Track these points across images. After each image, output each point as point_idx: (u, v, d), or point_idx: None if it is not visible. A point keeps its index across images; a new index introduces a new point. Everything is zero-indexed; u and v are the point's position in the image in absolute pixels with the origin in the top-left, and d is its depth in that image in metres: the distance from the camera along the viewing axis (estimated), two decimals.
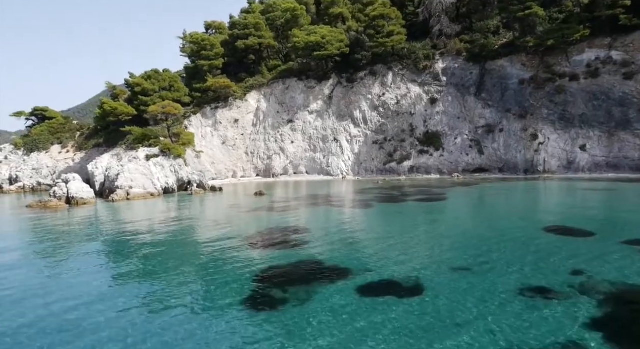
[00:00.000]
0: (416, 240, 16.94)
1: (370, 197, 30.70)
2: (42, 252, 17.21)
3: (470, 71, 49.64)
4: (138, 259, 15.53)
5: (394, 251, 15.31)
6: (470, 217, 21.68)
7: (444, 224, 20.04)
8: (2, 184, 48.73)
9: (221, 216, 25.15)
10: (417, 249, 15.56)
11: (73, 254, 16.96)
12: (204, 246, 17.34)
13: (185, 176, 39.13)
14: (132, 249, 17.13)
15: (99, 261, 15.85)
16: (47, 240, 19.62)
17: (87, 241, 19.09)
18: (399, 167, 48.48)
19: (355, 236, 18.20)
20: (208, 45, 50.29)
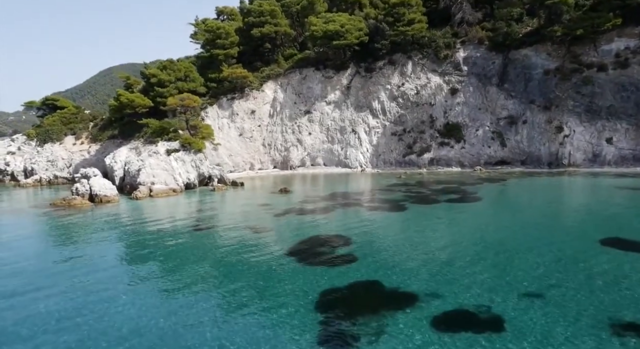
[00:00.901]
0: (469, 255, 16.40)
1: (399, 196, 30.12)
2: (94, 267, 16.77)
3: (493, 60, 48.36)
4: (188, 275, 15.06)
5: (452, 269, 14.80)
6: (515, 226, 21.04)
7: (490, 234, 19.46)
8: (17, 175, 48.26)
9: (254, 219, 24.60)
10: (474, 267, 15.03)
11: (129, 271, 16.52)
12: (253, 260, 16.84)
13: (206, 170, 38.55)
14: (178, 264, 16.68)
15: (161, 280, 15.39)
16: (92, 249, 19.16)
17: (137, 256, 18.59)
18: (418, 159, 47.71)
19: (403, 248, 17.67)
20: (223, 33, 48.94)
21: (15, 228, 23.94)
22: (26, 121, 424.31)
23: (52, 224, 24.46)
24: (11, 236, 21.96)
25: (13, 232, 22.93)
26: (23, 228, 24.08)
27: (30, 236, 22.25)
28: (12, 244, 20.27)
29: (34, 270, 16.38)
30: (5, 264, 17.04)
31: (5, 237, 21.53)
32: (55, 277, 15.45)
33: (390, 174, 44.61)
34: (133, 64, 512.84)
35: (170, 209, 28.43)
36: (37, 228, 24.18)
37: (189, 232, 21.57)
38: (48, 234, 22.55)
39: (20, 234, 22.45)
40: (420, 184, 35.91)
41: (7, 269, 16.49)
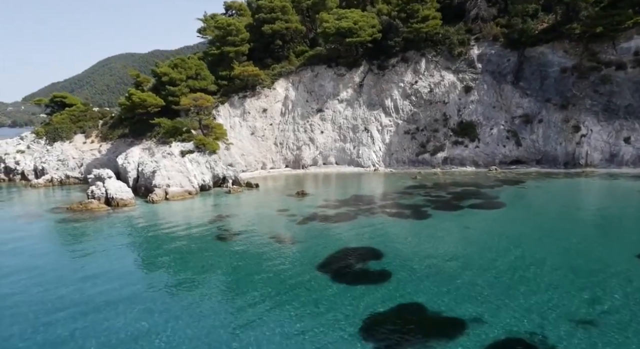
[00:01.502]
0: (508, 273, 16.07)
1: (420, 201, 29.77)
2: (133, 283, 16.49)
3: (508, 58, 47.64)
4: (224, 296, 14.76)
5: (494, 290, 14.47)
6: (548, 237, 20.52)
7: (524, 247, 19.04)
8: (28, 175, 47.89)
9: (277, 227, 24.25)
10: (517, 287, 14.71)
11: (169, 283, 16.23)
12: (287, 279, 16.51)
13: (221, 172, 38.19)
14: (212, 283, 16.37)
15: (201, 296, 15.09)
16: (121, 262, 18.87)
17: (165, 271, 18.28)
18: (432, 158, 47.25)
19: (437, 264, 17.34)
20: (234, 30, 48.17)
21: (38, 239, 23.51)
22: (25, 112, 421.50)
23: (75, 233, 24.16)
24: (37, 248, 21.63)
25: (37, 243, 22.61)
26: (47, 239, 23.66)
27: (55, 249, 21.79)
28: (40, 259, 19.87)
29: (67, 286, 16.09)
30: (46, 285, 16.74)
31: (32, 249, 21.23)
32: (86, 291, 15.16)
33: (405, 174, 44.19)
34: (132, 53, 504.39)
35: (189, 214, 28.11)
36: (60, 238, 23.78)
37: (213, 243, 21.28)
38: (73, 245, 22.20)
39: (46, 247, 22.08)
40: (438, 186, 35.51)
41: (52, 294, 16.20)
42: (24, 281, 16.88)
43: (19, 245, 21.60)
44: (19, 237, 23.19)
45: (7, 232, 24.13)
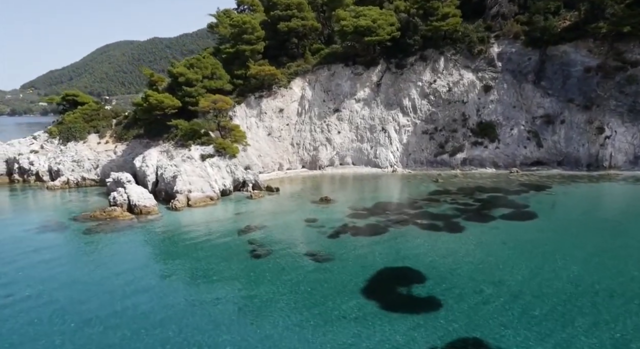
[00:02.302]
0: (567, 302, 15.54)
1: (448, 209, 29.34)
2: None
3: (529, 57, 46.77)
4: (268, 323, 14.41)
5: (556, 324, 14.02)
6: (597, 256, 19.39)
7: (574, 269, 18.24)
8: (42, 176, 47.50)
9: (308, 241, 23.74)
10: (580, 320, 14.22)
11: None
12: (332, 306, 16.11)
13: (241, 176, 37.74)
14: (256, 304, 16.00)
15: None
16: (159, 281, 18.52)
17: (205, 292, 17.88)
18: (451, 159, 46.66)
19: (484, 289, 16.91)
20: (249, 28, 47.24)
21: (72, 253, 23.02)
22: (23, 100, 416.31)
23: (106, 247, 23.74)
24: (73, 263, 21.27)
25: (72, 258, 22.23)
26: (80, 253, 23.10)
27: (91, 263, 21.30)
28: (82, 277, 19.44)
29: (111, 308, 15.78)
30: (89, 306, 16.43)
31: (68, 266, 20.87)
32: (140, 307, 14.84)
33: (424, 175, 43.67)
34: (130, 41, 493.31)
35: (216, 225, 27.63)
36: (94, 252, 23.21)
37: (250, 261, 20.89)
38: (108, 260, 21.76)
39: (82, 261, 21.66)
40: (462, 191, 35.00)
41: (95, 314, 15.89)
42: (75, 296, 16.63)
43: (53, 260, 21.17)
44: (52, 252, 22.86)
45: (38, 245, 23.74)
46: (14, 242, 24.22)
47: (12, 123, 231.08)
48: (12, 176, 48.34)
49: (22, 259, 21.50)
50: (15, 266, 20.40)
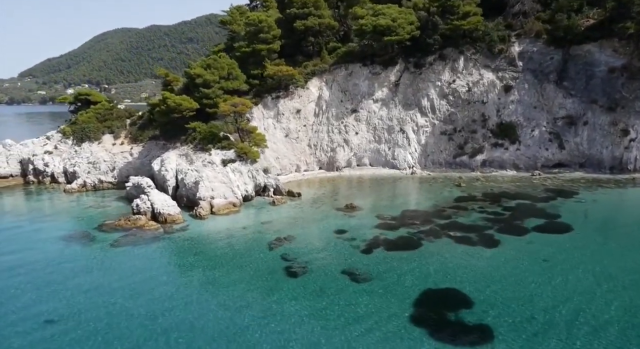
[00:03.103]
0: (624, 332, 15.18)
1: (478, 219, 28.97)
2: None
3: (551, 56, 45.89)
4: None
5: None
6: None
7: (625, 294, 17.87)
8: (58, 177, 47.13)
9: (342, 257, 23.21)
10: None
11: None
12: (382, 336, 15.78)
13: (262, 181, 37.33)
14: (302, 333, 15.69)
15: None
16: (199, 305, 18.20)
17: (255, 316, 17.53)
18: (470, 161, 46.12)
19: (535, 315, 16.61)
20: (265, 26, 46.36)
21: (108, 269, 22.51)
22: (22, 89, 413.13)
23: (135, 264, 23.38)
24: (114, 281, 20.88)
25: (110, 273, 21.85)
26: (115, 269, 22.52)
27: (131, 280, 20.85)
28: (130, 299, 19.06)
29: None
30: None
31: (108, 284, 20.52)
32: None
33: (445, 178, 43.19)
34: (128, 29, 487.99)
35: (243, 236, 27.25)
36: (129, 267, 22.61)
37: (286, 280, 20.63)
38: (146, 276, 21.41)
39: (121, 277, 21.28)
40: (488, 197, 34.56)
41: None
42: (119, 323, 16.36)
43: (91, 288, 20.67)
44: (86, 274, 22.50)
45: (70, 265, 23.34)
46: (46, 261, 23.75)
47: (10, 113, 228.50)
48: (27, 177, 48.00)
49: (58, 282, 20.91)
50: (53, 292, 19.92)
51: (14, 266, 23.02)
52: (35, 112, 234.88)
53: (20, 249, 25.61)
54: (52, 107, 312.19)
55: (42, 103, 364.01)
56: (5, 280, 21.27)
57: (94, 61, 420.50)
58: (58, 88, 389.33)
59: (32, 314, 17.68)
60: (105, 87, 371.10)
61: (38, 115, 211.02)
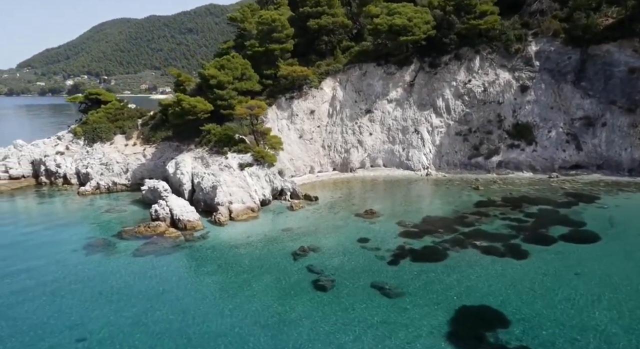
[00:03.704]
0: None
1: (501, 226, 28.69)
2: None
3: (569, 56, 45.24)
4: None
5: None
6: None
7: None
8: (71, 179, 46.92)
9: (369, 269, 22.69)
10: None
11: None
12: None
13: (279, 184, 37.04)
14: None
15: None
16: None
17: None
18: (486, 162, 45.70)
19: (578, 338, 16.25)
20: (279, 26, 45.74)
21: (136, 283, 22.17)
22: (21, 80, 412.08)
23: (158, 275, 23.14)
24: (144, 299, 20.63)
25: (138, 289, 21.61)
26: (135, 284, 22.30)
27: (153, 301, 20.71)
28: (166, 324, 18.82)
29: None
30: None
31: (139, 302, 20.30)
32: None
33: (461, 180, 42.85)
34: (127, 19, 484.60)
35: (266, 244, 26.95)
36: (157, 281, 22.14)
37: (317, 295, 20.34)
38: (167, 295, 21.23)
39: (141, 296, 21.08)
40: (508, 202, 34.25)
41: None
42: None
43: (121, 306, 20.38)
44: (108, 282, 22.36)
45: (94, 277, 23.12)
46: (67, 274, 23.51)
47: (10, 105, 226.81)
48: (39, 178, 47.83)
49: (84, 298, 20.59)
50: (80, 309, 19.69)
51: (34, 280, 22.78)
52: (34, 105, 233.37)
53: (39, 259, 25.29)
54: (51, 99, 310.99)
55: (42, 94, 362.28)
56: (28, 295, 21.05)
57: (93, 52, 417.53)
58: (57, 79, 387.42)
59: (62, 333, 17.47)
60: (104, 79, 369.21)
61: (38, 107, 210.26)
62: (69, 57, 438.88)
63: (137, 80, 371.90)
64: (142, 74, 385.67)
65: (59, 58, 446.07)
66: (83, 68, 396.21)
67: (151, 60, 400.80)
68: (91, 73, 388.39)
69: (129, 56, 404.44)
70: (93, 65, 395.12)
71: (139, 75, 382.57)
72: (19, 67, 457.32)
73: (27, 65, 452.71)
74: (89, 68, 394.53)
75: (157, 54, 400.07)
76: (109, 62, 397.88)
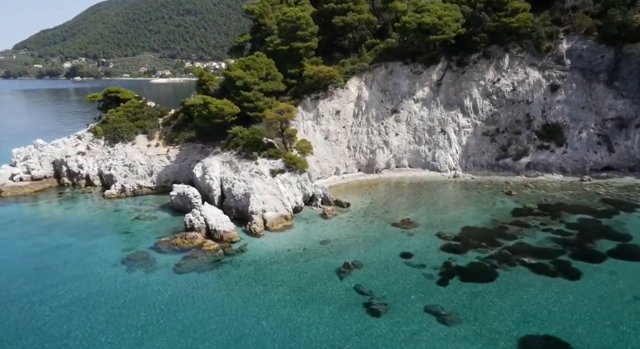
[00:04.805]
0: None
1: (545, 239, 28.29)
2: None
3: (601, 54, 44.13)
4: None
5: None
6: None
7: None
8: (94, 180, 46.54)
9: (420, 292, 22.39)
10: None
11: None
12: None
13: (310, 190, 36.59)
14: None
15: None
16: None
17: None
18: (515, 164, 45.00)
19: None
20: (304, 23, 44.56)
21: (178, 307, 21.83)
22: (17, 62, 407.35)
23: (205, 295, 22.85)
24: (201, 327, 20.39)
25: (182, 314, 21.33)
26: (186, 305, 21.89)
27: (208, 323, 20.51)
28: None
29: None
30: None
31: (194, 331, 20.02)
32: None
33: (490, 183, 42.26)
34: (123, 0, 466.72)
35: (306, 259, 26.56)
36: (205, 309, 21.68)
37: (373, 320, 20.16)
38: (226, 317, 20.84)
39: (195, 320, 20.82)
40: (546, 210, 33.75)
41: None
42: None
43: (163, 315, 20.30)
44: (156, 303, 22.12)
45: (138, 295, 22.88)
46: (113, 292, 23.22)
47: (7, 90, 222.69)
48: (61, 179, 47.44)
49: (137, 327, 20.16)
50: (132, 333, 19.46)
51: (80, 298, 22.61)
52: (33, 89, 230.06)
53: (80, 278, 24.91)
54: (50, 82, 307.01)
55: (39, 77, 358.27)
56: (77, 315, 20.85)
57: (89, 34, 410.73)
58: (54, 62, 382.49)
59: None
60: (102, 62, 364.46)
61: (36, 92, 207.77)
62: (65, 38, 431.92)
63: (136, 63, 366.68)
64: (141, 57, 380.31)
65: (55, 40, 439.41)
66: (80, 50, 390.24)
67: (149, 43, 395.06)
68: (89, 55, 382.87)
69: (126, 38, 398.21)
70: (90, 48, 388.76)
71: (137, 58, 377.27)
72: (15, 48, 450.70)
73: (23, 47, 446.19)
74: (87, 50, 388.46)
75: (155, 36, 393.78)
76: (106, 44, 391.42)
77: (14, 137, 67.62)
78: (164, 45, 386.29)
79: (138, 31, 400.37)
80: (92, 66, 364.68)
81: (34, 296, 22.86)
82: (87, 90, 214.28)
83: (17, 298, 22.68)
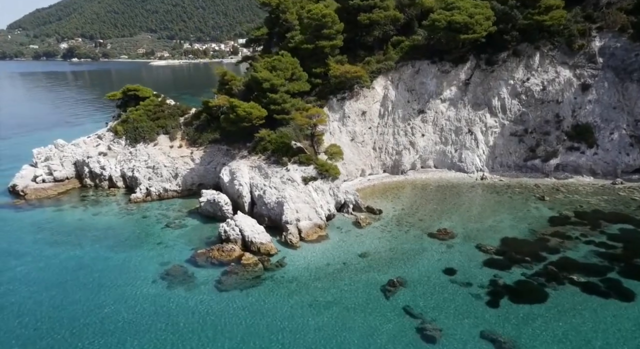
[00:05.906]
0: None
1: (589, 253, 28.02)
2: None
3: (636, 52, 43.10)
4: None
5: None
6: None
7: None
8: (117, 182, 46.08)
9: (474, 317, 22.18)
10: None
11: None
12: None
13: (342, 197, 36.13)
14: None
15: None
16: None
17: None
18: (543, 165, 44.34)
19: None
20: (329, 21, 43.32)
21: (222, 331, 21.81)
22: (12, 42, 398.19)
23: (256, 315, 22.77)
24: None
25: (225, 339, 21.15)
26: (232, 328, 21.79)
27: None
28: None
29: None
30: None
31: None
32: None
33: (519, 185, 41.74)
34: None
35: (347, 274, 26.37)
36: (252, 333, 21.74)
37: (425, 344, 20.12)
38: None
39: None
40: (584, 218, 33.33)
41: None
42: None
43: (211, 341, 20.01)
44: (203, 327, 21.95)
45: (183, 320, 22.66)
46: (156, 313, 23.07)
47: (3, 74, 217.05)
48: (84, 180, 46.99)
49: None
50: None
51: (128, 320, 22.38)
52: (29, 72, 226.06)
53: (121, 301, 24.55)
54: (46, 64, 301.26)
55: (36, 58, 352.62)
56: (129, 338, 20.63)
57: (85, 13, 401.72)
58: (51, 42, 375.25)
59: None
60: (100, 42, 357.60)
61: (33, 76, 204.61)
62: (60, 18, 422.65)
63: (134, 44, 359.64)
64: (139, 37, 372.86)
65: (51, 19, 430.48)
66: (77, 30, 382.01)
67: (147, 23, 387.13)
68: (85, 36, 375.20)
69: (123, 18, 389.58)
70: (87, 28, 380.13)
71: (135, 39, 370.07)
72: (9, 28, 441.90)
73: (18, 27, 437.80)
74: (83, 30, 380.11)
75: (152, 16, 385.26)
76: (102, 24, 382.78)
77: (21, 127, 66.81)
78: (161, 25, 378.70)
79: (135, 11, 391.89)
80: (90, 47, 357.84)
81: (83, 320, 22.66)
82: (85, 74, 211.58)
83: (65, 321, 22.47)
